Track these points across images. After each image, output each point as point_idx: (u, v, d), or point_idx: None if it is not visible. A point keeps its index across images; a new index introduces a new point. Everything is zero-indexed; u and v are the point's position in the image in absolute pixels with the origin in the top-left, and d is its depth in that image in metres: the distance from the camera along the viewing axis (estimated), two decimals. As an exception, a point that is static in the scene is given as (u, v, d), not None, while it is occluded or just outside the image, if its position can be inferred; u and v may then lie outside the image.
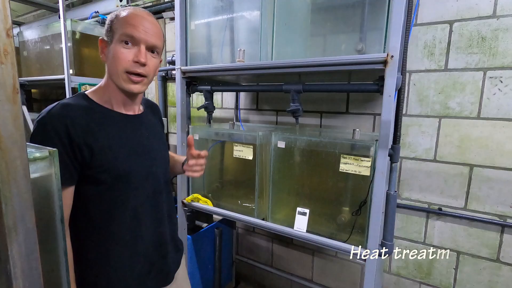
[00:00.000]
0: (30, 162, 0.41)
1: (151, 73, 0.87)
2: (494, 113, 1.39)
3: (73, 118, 0.78)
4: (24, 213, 0.40)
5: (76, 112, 0.80)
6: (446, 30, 1.45)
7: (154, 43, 0.83)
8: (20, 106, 0.38)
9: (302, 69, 1.21)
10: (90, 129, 0.80)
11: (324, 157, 1.31)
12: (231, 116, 2.20)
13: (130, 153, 0.87)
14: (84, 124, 0.79)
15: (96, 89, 0.89)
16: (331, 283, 1.96)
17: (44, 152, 0.47)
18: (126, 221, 0.87)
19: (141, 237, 0.90)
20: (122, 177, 0.84)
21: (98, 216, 0.84)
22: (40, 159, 0.47)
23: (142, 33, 0.80)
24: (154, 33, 0.83)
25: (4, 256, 0.38)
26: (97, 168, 0.80)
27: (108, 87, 0.87)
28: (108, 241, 0.86)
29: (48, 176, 0.48)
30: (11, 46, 0.36)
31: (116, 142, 0.84)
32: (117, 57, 0.80)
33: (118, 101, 0.88)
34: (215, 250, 1.90)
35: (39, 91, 3.47)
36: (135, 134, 0.90)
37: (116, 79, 0.83)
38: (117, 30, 0.81)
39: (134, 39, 0.80)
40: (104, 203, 0.84)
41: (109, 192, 0.83)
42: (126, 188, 0.86)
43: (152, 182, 0.92)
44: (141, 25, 0.81)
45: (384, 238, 1.18)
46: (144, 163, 0.90)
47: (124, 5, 2.51)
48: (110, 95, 0.87)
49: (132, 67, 0.81)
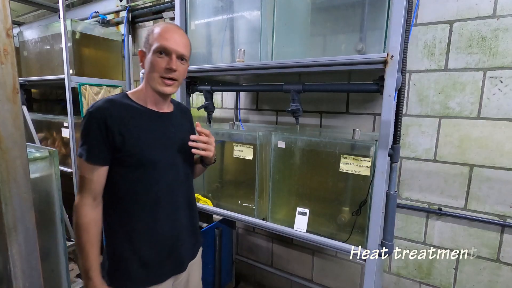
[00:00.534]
0: (30, 162, 0.41)
1: (181, 77, 1.03)
2: (494, 113, 1.39)
3: (112, 111, 0.95)
4: (24, 213, 0.40)
5: (116, 106, 0.97)
6: (446, 30, 1.45)
7: (182, 53, 0.99)
8: (20, 106, 0.38)
9: (302, 69, 1.21)
10: (124, 121, 0.96)
11: (324, 157, 1.31)
12: (231, 116, 2.20)
13: (156, 144, 1.01)
14: (120, 116, 0.96)
15: (136, 90, 1.07)
16: (331, 283, 1.96)
17: (44, 152, 0.47)
18: (147, 204, 1.00)
19: (159, 221, 1.02)
20: (146, 163, 0.98)
21: (125, 195, 0.99)
22: (40, 159, 0.47)
23: (173, 44, 0.97)
24: (183, 44, 1.00)
25: (4, 256, 0.38)
26: (126, 152, 0.95)
27: (145, 90, 1.04)
28: (132, 220, 0.99)
29: (48, 176, 0.48)
30: (11, 46, 0.36)
31: (145, 133, 0.99)
32: (153, 65, 0.97)
33: (151, 101, 1.04)
34: (215, 250, 1.90)
35: (39, 91, 3.47)
36: (162, 128, 1.04)
37: (152, 82, 1.00)
38: (153, 43, 0.97)
39: (167, 50, 0.97)
40: (130, 185, 0.98)
41: (134, 176, 0.98)
42: (150, 174, 0.99)
43: (174, 172, 1.05)
44: (172, 38, 0.97)
45: (384, 238, 1.18)
46: (167, 154, 1.04)
47: (124, 5, 2.51)
48: (146, 96, 1.04)
49: (165, 72, 0.98)
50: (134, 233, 0.99)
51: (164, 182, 1.02)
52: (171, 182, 1.04)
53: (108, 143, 0.93)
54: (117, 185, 0.98)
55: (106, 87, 2.39)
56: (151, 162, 0.99)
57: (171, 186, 1.04)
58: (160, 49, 0.96)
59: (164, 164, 1.02)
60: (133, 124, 0.97)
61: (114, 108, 0.96)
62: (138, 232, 1.00)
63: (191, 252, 1.15)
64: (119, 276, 1.00)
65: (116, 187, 0.98)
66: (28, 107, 2.79)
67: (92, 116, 0.93)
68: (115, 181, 0.98)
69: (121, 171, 0.97)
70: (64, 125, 2.39)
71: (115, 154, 0.95)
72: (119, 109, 0.97)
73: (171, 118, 1.09)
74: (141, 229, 1.00)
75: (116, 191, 0.98)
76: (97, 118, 0.93)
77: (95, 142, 0.92)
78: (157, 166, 1.00)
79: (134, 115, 0.99)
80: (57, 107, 3.25)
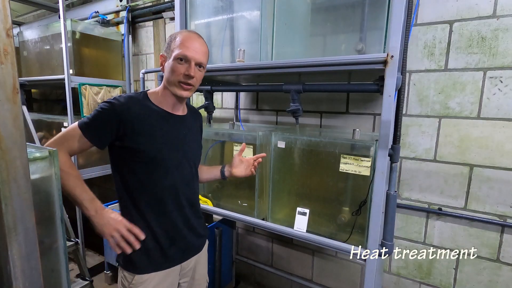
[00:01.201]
0: (30, 162, 0.41)
1: (197, 83, 1.10)
2: (494, 113, 1.39)
3: (130, 108, 1.02)
4: (24, 213, 0.40)
5: (134, 103, 1.05)
6: (446, 30, 1.45)
7: (201, 61, 1.05)
8: (20, 106, 0.38)
9: (302, 69, 1.21)
10: (140, 118, 1.03)
11: (324, 157, 1.31)
12: (231, 116, 2.20)
13: (167, 143, 1.07)
14: (136, 113, 1.03)
15: (154, 91, 1.12)
16: (331, 283, 1.96)
17: (44, 152, 0.47)
18: (154, 197, 1.07)
19: (165, 214, 1.09)
20: (155, 159, 1.04)
21: (134, 189, 1.06)
22: (40, 159, 0.47)
23: (192, 53, 1.03)
24: (202, 52, 1.05)
25: (4, 256, 0.38)
26: (137, 148, 1.02)
27: (163, 92, 1.10)
28: (141, 210, 1.06)
29: (48, 176, 0.48)
30: (11, 46, 0.36)
31: (157, 132, 1.05)
32: (173, 71, 1.03)
33: (168, 103, 1.10)
34: (215, 250, 1.90)
35: (39, 91, 3.46)
36: (174, 129, 1.11)
37: (171, 86, 1.06)
38: (174, 49, 1.03)
39: (187, 58, 1.02)
40: (138, 178, 1.05)
41: (143, 170, 1.04)
42: (157, 171, 1.06)
43: (180, 171, 1.11)
44: (192, 47, 1.03)
45: (384, 238, 1.18)
46: (176, 154, 1.10)
47: (124, 5, 2.51)
48: (163, 98, 1.10)
49: (184, 78, 1.04)
50: (141, 219, 1.06)
51: (170, 179, 1.08)
52: (177, 181, 1.10)
53: (112, 134, 1.00)
54: (126, 175, 1.05)
55: (106, 87, 2.39)
56: (160, 159, 1.05)
57: (175, 184, 1.09)
58: (181, 56, 1.02)
59: (172, 163, 1.08)
60: (148, 122, 1.04)
61: (134, 106, 1.04)
62: (144, 219, 1.06)
63: (195, 246, 1.20)
64: (134, 259, 1.05)
65: (125, 177, 1.05)
66: (28, 107, 2.79)
67: (113, 107, 1.00)
68: (124, 172, 1.05)
69: (131, 164, 1.04)
70: (64, 125, 2.39)
71: (123, 145, 1.02)
72: (138, 107, 1.05)
73: (184, 121, 1.15)
74: (147, 217, 1.06)
75: (125, 181, 1.06)
76: (115, 111, 1.00)
77: (100, 125, 0.99)
78: (164, 163, 1.06)
79: (150, 115, 1.05)
80: (57, 107, 3.25)
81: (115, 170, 1.08)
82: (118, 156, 1.06)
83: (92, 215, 0.98)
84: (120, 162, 1.06)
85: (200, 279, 1.25)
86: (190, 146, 1.15)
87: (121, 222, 1.01)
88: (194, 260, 1.20)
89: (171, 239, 1.10)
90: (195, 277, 1.22)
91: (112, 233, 1.00)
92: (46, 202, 0.48)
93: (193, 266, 1.20)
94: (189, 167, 1.15)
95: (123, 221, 1.02)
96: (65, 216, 2.14)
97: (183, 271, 1.17)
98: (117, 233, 1.00)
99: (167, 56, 1.07)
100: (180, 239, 1.13)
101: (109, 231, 1.00)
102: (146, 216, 1.07)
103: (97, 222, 0.99)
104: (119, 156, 1.06)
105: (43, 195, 0.47)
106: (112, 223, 1.00)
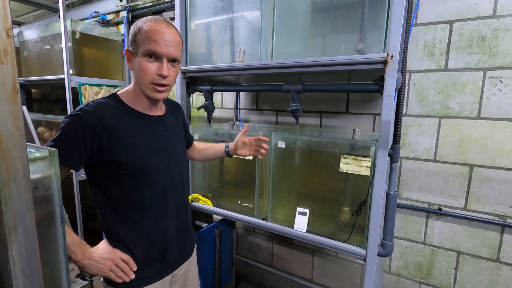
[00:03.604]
0: (30, 162, 0.41)
1: (173, 81, 0.97)
2: (494, 113, 1.39)
3: (103, 117, 0.88)
4: (24, 213, 0.40)
5: (106, 110, 0.91)
6: (446, 30, 1.45)
7: (174, 56, 0.92)
8: (20, 106, 0.38)
9: (302, 69, 1.21)
10: (116, 126, 0.90)
11: (324, 157, 1.31)
12: (231, 116, 2.20)
13: (150, 150, 0.97)
14: (111, 121, 0.89)
15: (126, 91, 1.00)
16: (331, 283, 1.96)
17: (44, 152, 0.47)
18: (141, 209, 0.97)
19: (154, 224, 1.00)
20: (141, 169, 0.94)
21: (118, 201, 0.95)
22: (40, 159, 0.47)
23: (163, 48, 0.88)
24: (174, 44, 0.91)
25: (4, 256, 0.38)
26: (118, 161, 0.90)
27: (135, 92, 0.97)
28: (127, 224, 0.97)
29: (48, 176, 0.48)
30: (11, 46, 0.36)
31: (138, 139, 0.94)
32: (142, 70, 0.90)
33: (143, 104, 0.99)
34: (215, 250, 1.90)
35: (39, 91, 3.46)
36: (156, 133, 1.00)
37: (143, 88, 0.93)
38: (140, 44, 0.89)
39: (157, 54, 0.89)
40: (123, 191, 0.94)
41: (129, 183, 0.94)
42: (144, 181, 0.95)
43: (168, 177, 1.02)
44: (162, 40, 0.88)
45: (384, 238, 1.18)
46: (162, 160, 1.00)
47: (124, 5, 2.51)
48: (136, 98, 0.97)
49: (156, 79, 0.91)
50: (130, 235, 0.97)
51: (159, 187, 0.99)
52: (166, 187, 1.01)
53: (87, 151, 0.87)
54: (110, 191, 0.94)
55: (106, 87, 2.39)
56: (146, 169, 0.95)
57: (165, 191, 1.01)
58: (150, 52, 0.88)
59: (159, 170, 0.99)
60: (126, 130, 0.92)
61: (105, 113, 0.90)
62: (133, 235, 0.98)
63: (186, 252, 1.15)
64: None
65: (109, 193, 0.94)
66: (28, 107, 2.79)
67: (81, 119, 0.86)
68: (107, 188, 0.94)
69: (114, 178, 0.92)
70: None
71: (101, 161, 0.90)
72: (111, 114, 0.91)
73: (164, 121, 1.05)
74: (136, 232, 0.98)
75: (109, 196, 0.94)
76: (84, 123, 0.86)
77: (69, 144, 0.85)
78: (151, 173, 0.96)
79: (126, 121, 0.93)
80: (57, 107, 3.25)
81: (95, 188, 0.95)
82: (98, 174, 0.93)
83: (81, 259, 0.89)
84: (102, 179, 0.93)
85: (191, 285, 1.19)
86: (176, 148, 1.06)
87: (113, 257, 0.94)
88: (184, 266, 1.14)
89: (163, 251, 1.03)
90: (187, 284, 1.17)
91: (108, 273, 0.93)
92: (46, 202, 0.48)
93: (183, 272, 1.14)
94: (177, 170, 1.06)
95: (115, 253, 0.95)
96: (65, 216, 2.14)
97: (174, 278, 1.11)
98: (113, 267, 0.94)
99: (133, 51, 0.91)
100: (170, 249, 1.05)
101: (106, 271, 0.93)
102: (135, 231, 0.97)
103: (90, 264, 0.90)
104: (99, 174, 0.93)
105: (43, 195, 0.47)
106: (103, 262, 0.92)
